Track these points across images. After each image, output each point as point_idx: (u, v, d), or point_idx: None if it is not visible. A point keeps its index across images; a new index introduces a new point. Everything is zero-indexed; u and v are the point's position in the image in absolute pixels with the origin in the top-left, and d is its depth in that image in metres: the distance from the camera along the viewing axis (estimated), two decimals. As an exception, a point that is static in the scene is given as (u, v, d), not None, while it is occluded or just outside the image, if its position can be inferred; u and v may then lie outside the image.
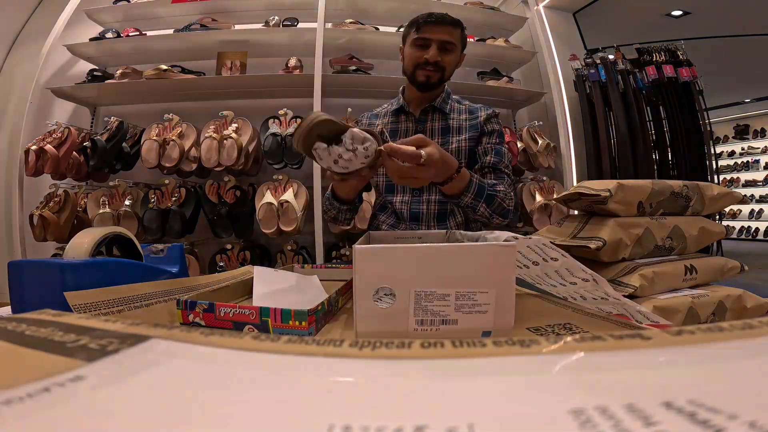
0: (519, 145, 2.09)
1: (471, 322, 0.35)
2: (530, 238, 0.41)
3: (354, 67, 2.05)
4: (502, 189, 0.87)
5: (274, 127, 1.87)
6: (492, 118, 0.99)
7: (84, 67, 2.19)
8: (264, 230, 1.80)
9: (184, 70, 2.06)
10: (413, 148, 0.62)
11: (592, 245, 0.85)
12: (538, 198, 2.00)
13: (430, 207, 0.97)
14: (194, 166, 1.88)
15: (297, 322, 0.40)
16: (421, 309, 0.35)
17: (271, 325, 0.40)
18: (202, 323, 0.41)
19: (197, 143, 1.87)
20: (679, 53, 2.46)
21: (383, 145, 0.61)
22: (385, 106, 1.08)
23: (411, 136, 0.65)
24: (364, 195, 1.21)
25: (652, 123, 2.46)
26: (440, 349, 0.14)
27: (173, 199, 1.86)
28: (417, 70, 0.95)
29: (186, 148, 1.85)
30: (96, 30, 2.20)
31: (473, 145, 0.97)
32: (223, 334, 0.15)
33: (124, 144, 1.96)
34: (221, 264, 1.90)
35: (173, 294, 0.47)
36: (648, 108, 2.44)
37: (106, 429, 0.10)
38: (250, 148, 1.87)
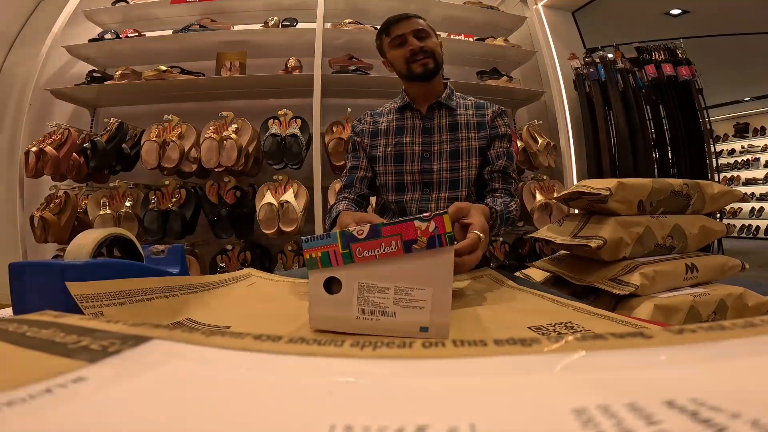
0: (519, 144, 2.09)
1: (408, 316, 0.38)
2: None
3: (353, 67, 2.05)
4: (514, 206, 0.90)
5: (273, 128, 1.87)
6: (499, 117, 0.99)
7: (83, 68, 2.19)
8: (264, 231, 1.80)
9: (183, 71, 2.06)
10: (470, 240, 0.59)
11: (593, 244, 0.85)
12: (539, 197, 2.00)
13: (440, 205, 0.96)
14: (194, 166, 1.88)
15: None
16: (364, 299, 0.38)
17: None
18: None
19: (197, 144, 1.87)
20: (678, 52, 2.46)
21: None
22: (388, 104, 1.06)
23: (451, 210, 0.63)
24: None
25: (651, 122, 2.45)
26: (441, 348, 0.14)
27: (173, 200, 1.86)
28: (411, 64, 0.95)
29: (186, 149, 1.85)
30: (95, 31, 2.20)
31: (484, 144, 0.97)
32: (224, 334, 0.15)
33: (123, 145, 1.96)
34: (222, 265, 1.90)
35: (174, 291, 0.47)
36: (648, 107, 2.43)
37: (109, 430, 0.10)
38: (250, 149, 1.87)
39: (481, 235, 0.60)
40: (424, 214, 0.38)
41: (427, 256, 0.37)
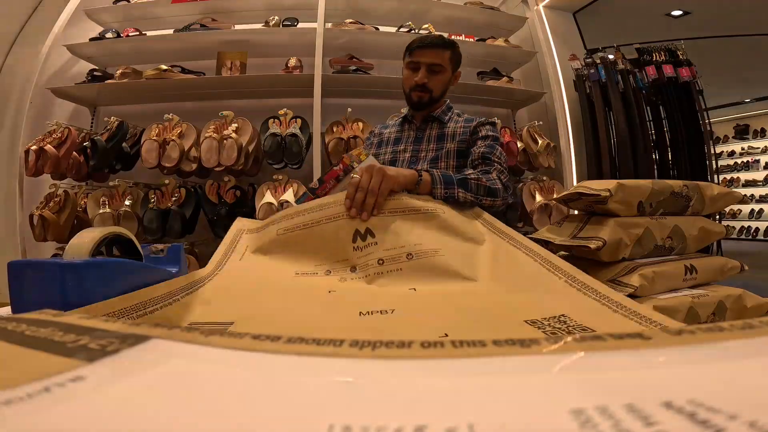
0: (519, 144, 2.09)
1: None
2: None
3: (354, 67, 2.05)
4: (473, 173, 0.88)
5: (274, 127, 1.87)
6: (484, 125, 1.06)
7: (84, 67, 2.19)
8: (264, 230, 1.80)
9: (184, 70, 2.06)
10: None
11: (592, 245, 0.85)
12: (538, 198, 2.00)
13: None
14: (194, 166, 1.88)
15: None
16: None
17: None
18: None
19: (197, 143, 1.86)
20: (679, 53, 2.46)
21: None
22: (396, 116, 1.20)
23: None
24: None
25: (652, 123, 2.45)
26: (440, 348, 0.14)
27: (173, 199, 1.86)
28: (411, 91, 1.07)
29: (186, 148, 1.85)
30: (96, 30, 2.20)
31: (463, 147, 1.03)
32: (223, 334, 0.15)
33: (124, 144, 1.96)
34: (221, 264, 1.90)
35: (175, 294, 0.47)
36: (648, 108, 2.43)
37: (107, 429, 0.10)
38: (250, 148, 1.87)
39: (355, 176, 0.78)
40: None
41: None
